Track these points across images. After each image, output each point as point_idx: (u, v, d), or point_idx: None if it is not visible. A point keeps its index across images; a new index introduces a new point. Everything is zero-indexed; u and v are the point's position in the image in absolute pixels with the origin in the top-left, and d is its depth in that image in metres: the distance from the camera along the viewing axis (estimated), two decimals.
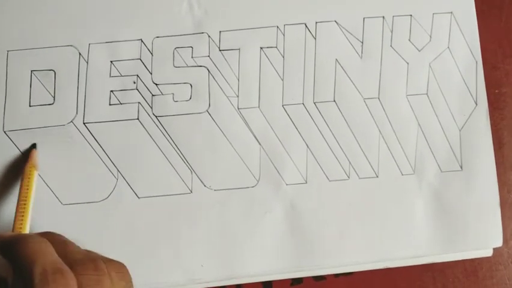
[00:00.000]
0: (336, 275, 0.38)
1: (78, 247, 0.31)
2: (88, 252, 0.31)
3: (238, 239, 0.37)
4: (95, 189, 0.37)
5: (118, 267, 0.30)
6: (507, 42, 0.41)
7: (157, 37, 0.38)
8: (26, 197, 0.35)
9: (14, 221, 0.34)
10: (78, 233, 0.36)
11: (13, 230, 0.33)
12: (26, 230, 0.34)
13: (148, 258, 0.37)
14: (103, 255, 0.32)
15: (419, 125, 0.38)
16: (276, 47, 0.38)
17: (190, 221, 0.37)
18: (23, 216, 0.34)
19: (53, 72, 0.37)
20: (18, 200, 0.35)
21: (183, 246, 0.37)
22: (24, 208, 0.34)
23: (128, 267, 0.36)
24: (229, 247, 0.37)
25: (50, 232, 0.32)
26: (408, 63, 0.39)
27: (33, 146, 0.37)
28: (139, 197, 0.37)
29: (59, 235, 0.32)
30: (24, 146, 0.37)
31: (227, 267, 0.37)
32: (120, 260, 0.36)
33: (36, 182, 0.36)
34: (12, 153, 0.37)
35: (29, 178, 0.35)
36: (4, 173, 0.37)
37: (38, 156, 0.37)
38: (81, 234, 0.36)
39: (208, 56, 0.38)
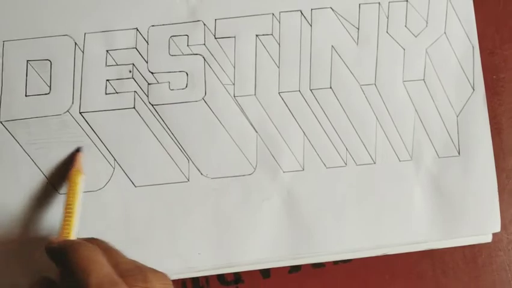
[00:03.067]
0: (335, 262, 0.38)
1: (125, 256, 0.32)
2: (134, 262, 0.31)
3: (235, 227, 0.37)
4: (92, 178, 0.37)
5: (163, 278, 0.30)
6: (505, 28, 0.40)
7: (153, 26, 0.38)
8: (72, 203, 0.34)
9: (61, 226, 0.34)
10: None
11: (59, 236, 0.33)
12: (73, 236, 0.33)
13: (145, 246, 0.37)
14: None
15: (416, 111, 0.38)
16: (271, 35, 0.38)
17: (187, 209, 0.37)
18: (69, 222, 0.34)
19: (49, 62, 0.37)
20: (65, 206, 0.34)
21: (180, 235, 0.37)
22: (71, 214, 0.34)
23: (125, 255, 0.36)
24: (227, 235, 0.37)
25: (95, 239, 0.33)
26: (404, 49, 0.38)
27: (78, 149, 0.37)
28: (136, 186, 0.37)
29: (104, 242, 0.32)
30: (21, 137, 0.37)
31: (224, 255, 0.37)
32: (117, 248, 0.36)
33: (82, 186, 0.36)
34: (9, 143, 0.37)
35: (75, 183, 0.35)
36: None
37: (83, 160, 0.37)
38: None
39: (204, 44, 0.38)
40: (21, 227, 0.36)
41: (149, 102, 0.37)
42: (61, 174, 0.37)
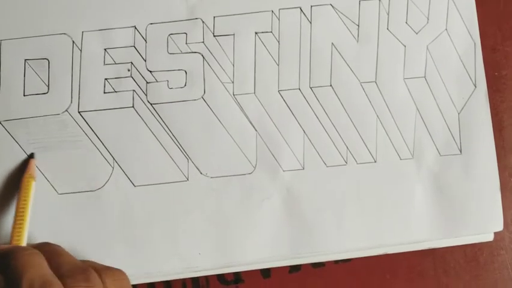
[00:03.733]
0: (335, 262, 0.38)
1: (72, 258, 0.32)
2: (83, 262, 0.32)
3: (235, 227, 0.37)
4: (91, 178, 0.37)
5: (116, 275, 0.31)
6: (507, 24, 0.40)
7: (151, 24, 0.37)
8: (23, 209, 0.34)
9: (12, 233, 0.34)
10: (74, 222, 0.36)
11: (11, 242, 0.33)
12: (23, 242, 0.33)
13: (145, 246, 0.36)
14: (100, 263, 0.33)
15: (417, 108, 0.38)
16: (271, 32, 0.38)
17: (186, 208, 0.37)
18: (20, 228, 0.34)
19: (47, 61, 0.37)
20: (16, 211, 0.34)
21: (180, 235, 0.37)
22: (22, 220, 0.34)
23: (124, 255, 0.36)
24: (227, 235, 0.37)
25: (46, 243, 0.33)
26: (405, 46, 0.38)
27: (31, 155, 0.37)
28: (135, 185, 0.37)
29: (55, 245, 0.33)
30: (20, 136, 0.37)
31: (224, 255, 0.37)
32: (116, 248, 0.36)
33: (34, 192, 0.35)
34: (8, 143, 0.37)
35: (26, 189, 0.35)
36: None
37: (35, 165, 0.36)
38: (77, 223, 0.36)
39: (203, 42, 0.38)
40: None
41: (148, 101, 0.37)
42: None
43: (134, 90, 0.37)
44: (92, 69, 0.37)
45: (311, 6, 0.38)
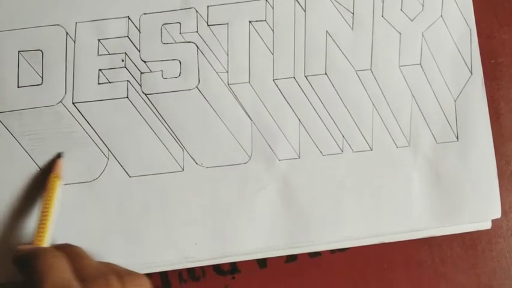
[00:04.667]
0: (332, 251, 0.38)
1: (94, 261, 0.32)
2: (105, 265, 0.32)
3: (231, 217, 0.37)
4: (86, 169, 0.37)
5: (137, 280, 0.31)
6: (503, 11, 0.40)
7: (144, 14, 0.37)
8: (47, 209, 0.34)
9: (35, 233, 0.34)
10: (69, 213, 0.36)
11: (33, 243, 0.33)
12: (45, 243, 0.33)
13: (141, 237, 0.36)
14: (123, 267, 0.32)
15: (413, 96, 0.38)
16: (265, 21, 0.38)
17: (182, 199, 0.37)
18: (43, 228, 0.33)
19: (41, 52, 0.37)
20: (41, 211, 0.34)
21: (176, 225, 0.36)
22: (46, 220, 0.34)
23: (120, 246, 0.36)
24: (223, 225, 0.37)
25: (67, 244, 0.33)
26: (400, 34, 0.38)
27: (59, 155, 0.37)
28: (130, 176, 0.37)
29: (76, 247, 0.33)
30: (14, 128, 0.36)
31: (220, 245, 0.37)
32: (112, 239, 0.36)
33: (60, 192, 0.35)
34: (2, 135, 0.37)
35: (52, 189, 0.35)
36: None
37: (63, 165, 0.36)
38: (73, 214, 0.36)
39: (197, 31, 0.37)
40: (13, 222, 0.36)
41: (143, 92, 0.37)
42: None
43: (128, 81, 0.37)
44: (86, 60, 0.37)
45: None
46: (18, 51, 0.37)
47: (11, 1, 0.37)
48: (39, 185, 0.36)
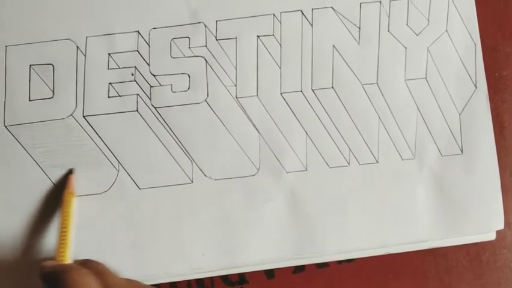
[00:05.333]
0: (339, 262, 0.38)
1: (119, 278, 0.32)
2: (130, 283, 0.32)
3: (239, 228, 0.37)
4: (97, 181, 0.37)
5: None
6: (507, 24, 0.40)
7: (154, 28, 0.38)
8: (66, 225, 0.35)
9: (56, 249, 0.34)
10: (80, 225, 0.37)
11: (55, 259, 0.34)
12: (68, 259, 0.34)
13: (150, 248, 0.37)
14: (147, 284, 0.33)
15: (418, 109, 0.38)
16: (273, 35, 0.38)
17: (191, 210, 0.37)
18: (64, 244, 0.34)
19: (52, 66, 0.38)
20: (59, 228, 0.35)
21: (184, 236, 0.37)
22: (65, 236, 0.34)
23: (130, 257, 0.37)
24: (231, 236, 0.37)
25: (89, 260, 0.34)
26: (406, 48, 0.38)
27: (70, 171, 0.37)
28: (140, 188, 0.37)
29: (98, 264, 0.33)
30: (25, 141, 0.37)
31: (228, 256, 0.37)
32: (122, 250, 0.37)
33: (75, 208, 0.36)
34: (14, 148, 0.37)
35: (68, 206, 0.36)
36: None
37: (75, 181, 0.37)
38: (83, 226, 0.37)
39: (205, 45, 0.38)
40: (25, 235, 0.37)
41: (152, 105, 0.38)
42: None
43: (138, 94, 0.38)
44: (96, 73, 0.38)
45: (312, 9, 0.38)
46: (30, 65, 0.38)
47: (22, 16, 0.38)
48: (50, 197, 0.37)
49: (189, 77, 0.38)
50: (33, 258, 0.36)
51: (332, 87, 0.38)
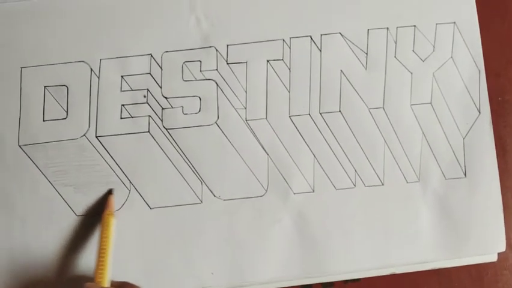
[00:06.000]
0: (345, 282, 0.39)
1: None
2: None
3: (247, 248, 0.38)
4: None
5: None
6: (510, 50, 0.41)
7: (166, 52, 0.39)
8: (105, 247, 0.35)
9: (95, 271, 0.35)
10: (91, 243, 0.37)
11: (94, 281, 0.34)
12: (107, 282, 0.35)
13: (160, 267, 0.38)
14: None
15: (423, 133, 0.39)
16: (282, 60, 0.39)
17: (200, 230, 0.38)
18: (103, 266, 0.35)
19: (66, 88, 0.38)
20: (99, 249, 0.35)
21: (194, 255, 0.38)
22: (104, 258, 0.35)
23: (140, 276, 0.38)
24: (239, 255, 0.38)
25: (127, 283, 0.35)
26: (412, 73, 0.39)
27: (110, 191, 0.38)
28: (151, 208, 0.38)
29: (134, 286, 0.34)
30: (39, 160, 0.38)
31: (237, 275, 0.38)
32: (132, 269, 0.38)
33: (114, 230, 0.37)
34: (27, 167, 0.38)
35: (108, 226, 0.36)
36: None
37: (115, 202, 0.38)
38: (94, 244, 0.37)
39: (216, 69, 0.39)
40: (41, 252, 0.38)
41: (164, 126, 0.38)
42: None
43: (150, 116, 0.38)
44: (109, 95, 0.38)
45: (321, 35, 0.39)
46: (44, 86, 0.38)
47: (37, 38, 0.38)
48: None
49: (200, 99, 0.39)
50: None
51: (339, 111, 0.39)
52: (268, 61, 0.39)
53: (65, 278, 0.37)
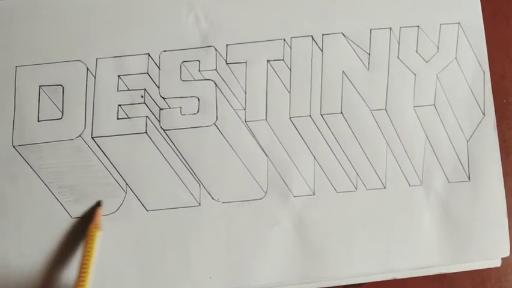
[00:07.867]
0: (345, 286, 0.38)
1: None
2: None
3: (246, 251, 0.37)
4: (104, 202, 0.37)
5: None
6: None
7: (164, 51, 0.38)
8: (88, 260, 0.35)
9: (75, 284, 0.34)
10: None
11: None
12: None
13: (157, 270, 0.37)
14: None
15: (426, 136, 0.38)
16: (282, 60, 0.38)
17: (198, 233, 0.37)
18: (83, 280, 0.34)
19: (61, 87, 0.38)
20: (81, 262, 0.35)
21: (192, 259, 0.37)
22: (85, 272, 0.34)
23: (136, 279, 0.37)
24: (237, 259, 0.37)
25: None
26: (415, 75, 0.39)
27: (98, 203, 0.37)
28: (147, 210, 0.37)
29: None
30: (33, 161, 0.37)
31: (235, 279, 0.37)
32: (129, 272, 0.37)
33: (99, 243, 0.36)
34: (22, 168, 0.37)
35: (92, 240, 0.35)
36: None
37: (101, 214, 0.37)
38: None
39: (215, 69, 0.38)
40: (35, 255, 0.37)
41: (161, 127, 0.38)
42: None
43: (147, 117, 0.38)
44: (105, 95, 0.38)
45: (322, 35, 0.38)
46: (39, 86, 0.38)
47: (32, 37, 0.38)
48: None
49: (199, 100, 0.38)
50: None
51: (341, 113, 0.38)
52: (268, 61, 0.38)
53: (55, 283, 0.36)
